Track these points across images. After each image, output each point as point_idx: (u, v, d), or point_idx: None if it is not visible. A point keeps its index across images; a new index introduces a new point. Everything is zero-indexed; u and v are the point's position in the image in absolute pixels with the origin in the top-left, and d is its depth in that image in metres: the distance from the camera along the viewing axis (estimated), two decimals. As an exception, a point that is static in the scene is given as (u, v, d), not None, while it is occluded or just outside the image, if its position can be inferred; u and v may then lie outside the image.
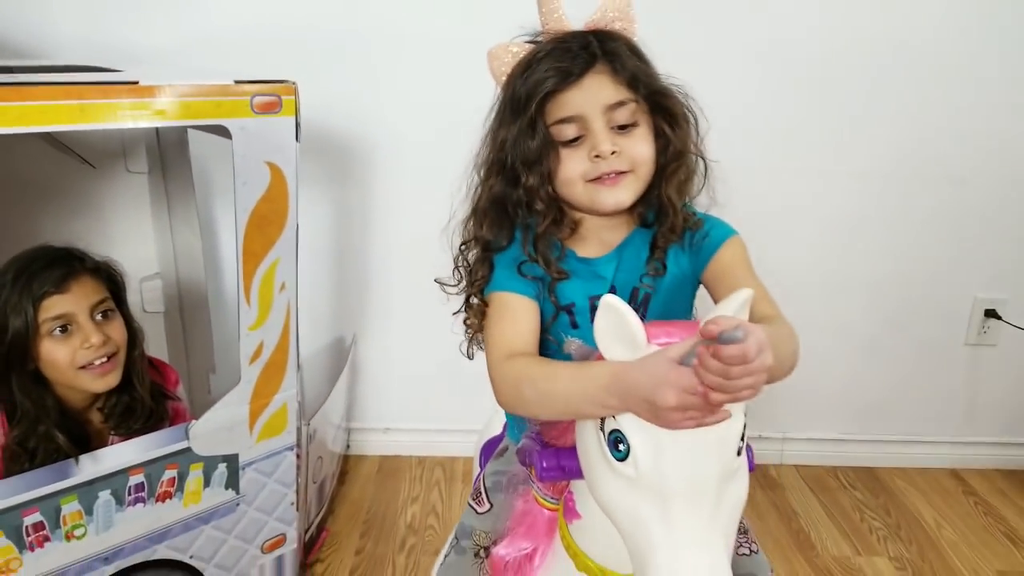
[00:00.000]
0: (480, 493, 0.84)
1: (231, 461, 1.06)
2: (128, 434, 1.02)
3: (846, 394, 1.66)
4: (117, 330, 0.99)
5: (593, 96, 0.70)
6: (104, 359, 0.97)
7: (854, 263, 1.58)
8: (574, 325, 0.74)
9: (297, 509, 1.18)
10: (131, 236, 1.45)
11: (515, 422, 0.85)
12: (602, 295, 0.57)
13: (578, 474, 0.61)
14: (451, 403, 1.65)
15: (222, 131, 0.95)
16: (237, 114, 0.94)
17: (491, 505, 0.82)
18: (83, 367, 0.96)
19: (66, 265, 0.96)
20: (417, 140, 1.49)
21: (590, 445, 0.57)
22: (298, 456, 1.17)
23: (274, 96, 0.97)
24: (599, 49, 0.70)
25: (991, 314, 1.59)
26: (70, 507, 0.93)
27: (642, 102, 0.71)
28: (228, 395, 1.04)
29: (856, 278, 1.59)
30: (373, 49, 1.44)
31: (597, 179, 0.71)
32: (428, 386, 1.66)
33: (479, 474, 0.88)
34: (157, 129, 1.37)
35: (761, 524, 1.48)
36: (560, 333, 0.75)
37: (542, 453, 0.62)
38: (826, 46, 1.46)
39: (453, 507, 1.52)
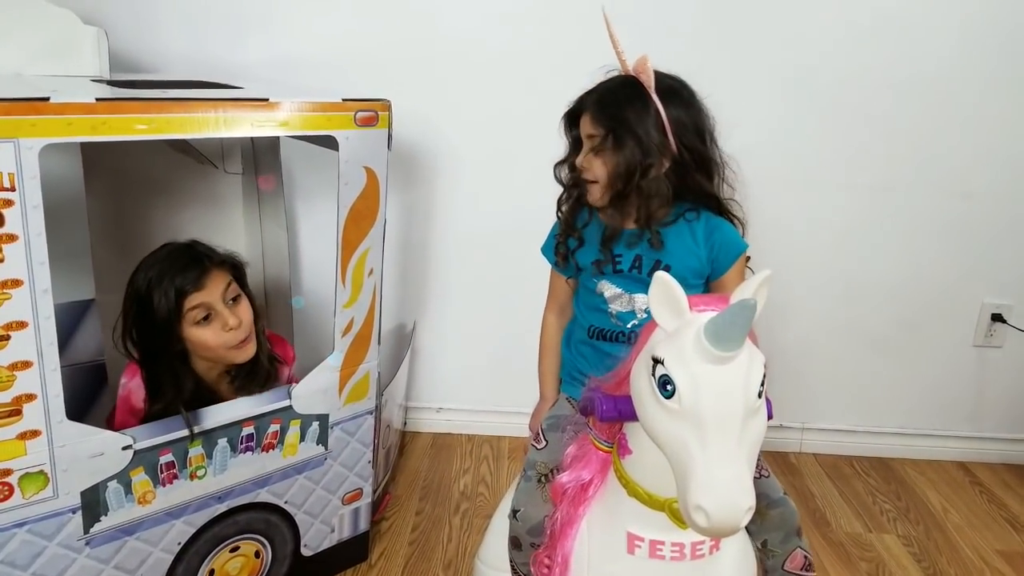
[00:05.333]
0: (539, 435, 1.05)
1: (323, 420, 1.24)
2: (250, 395, 1.20)
3: (862, 389, 1.81)
4: (245, 310, 1.19)
5: (584, 127, 1.02)
6: (243, 337, 1.16)
7: (870, 269, 1.73)
8: (601, 272, 1.06)
9: (373, 467, 1.36)
10: (225, 229, 1.63)
11: (568, 380, 1.12)
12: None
13: (631, 415, 0.78)
14: (499, 388, 1.83)
15: (330, 141, 1.13)
16: (344, 126, 1.12)
17: (547, 442, 1.03)
18: (230, 347, 1.15)
19: (200, 264, 1.15)
20: (472, 149, 1.68)
21: (643, 388, 0.74)
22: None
23: (372, 112, 1.15)
24: (590, 98, 1.02)
25: (997, 318, 1.73)
26: (195, 451, 1.11)
27: (609, 137, 0.98)
28: (323, 363, 1.22)
29: (872, 283, 1.74)
30: (436, 70, 1.63)
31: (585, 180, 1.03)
32: (478, 371, 1.84)
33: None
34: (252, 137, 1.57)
35: (780, 503, 1.63)
36: (591, 279, 1.06)
37: (603, 399, 0.79)
38: (847, 71, 1.61)
39: (501, 478, 1.69)
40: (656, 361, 0.71)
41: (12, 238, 0.88)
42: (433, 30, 1.61)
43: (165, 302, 1.12)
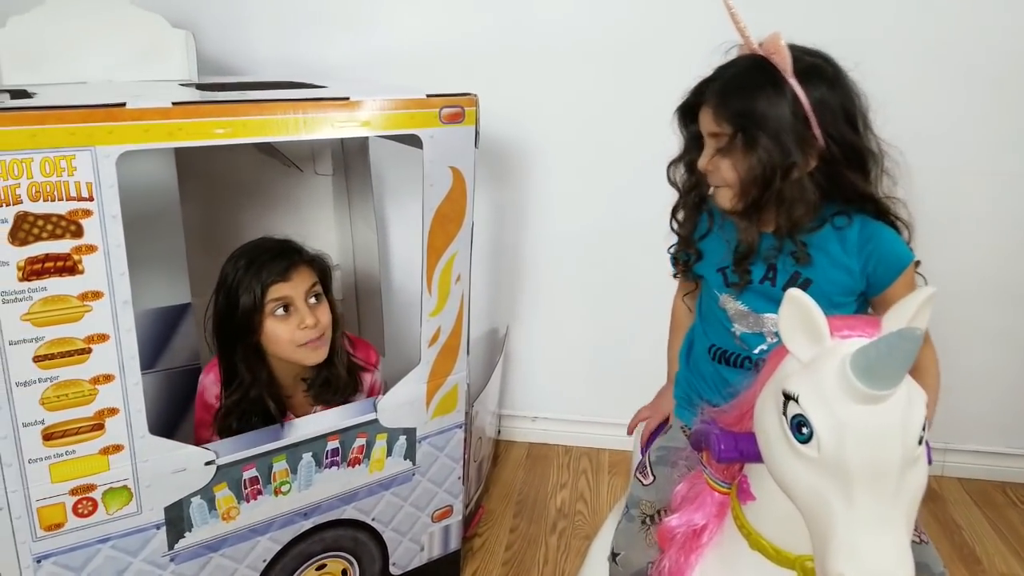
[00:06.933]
0: (645, 467, 0.93)
1: (410, 434, 1.17)
2: (327, 405, 1.16)
3: (1017, 405, 1.58)
4: (325, 313, 1.14)
5: (706, 123, 0.85)
6: (316, 336, 1.11)
7: (1030, 270, 1.50)
8: (727, 284, 0.91)
9: (463, 483, 1.28)
10: (316, 230, 1.60)
11: (684, 404, 0.96)
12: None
13: (755, 457, 0.66)
14: (598, 397, 1.72)
15: (414, 140, 1.06)
16: (428, 124, 1.05)
17: (655, 477, 0.91)
18: (300, 345, 1.11)
19: (289, 258, 1.12)
20: (566, 144, 1.58)
21: (771, 428, 0.62)
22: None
23: (458, 108, 1.07)
24: (711, 88, 0.84)
25: None
26: (279, 465, 1.07)
27: (739, 135, 0.80)
28: (409, 374, 1.15)
29: (1031, 285, 1.51)
30: (527, 60, 1.54)
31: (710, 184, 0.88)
32: (575, 379, 1.74)
33: (646, 451, 0.97)
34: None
35: (919, 534, 1.44)
36: (712, 290, 0.93)
37: (720, 436, 0.67)
38: (1003, 44, 1.40)
39: (601, 495, 1.58)
40: (788, 397, 0.59)
41: (91, 249, 0.86)
42: (524, 17, 1.52)
43: (251, 289, 1.09)
